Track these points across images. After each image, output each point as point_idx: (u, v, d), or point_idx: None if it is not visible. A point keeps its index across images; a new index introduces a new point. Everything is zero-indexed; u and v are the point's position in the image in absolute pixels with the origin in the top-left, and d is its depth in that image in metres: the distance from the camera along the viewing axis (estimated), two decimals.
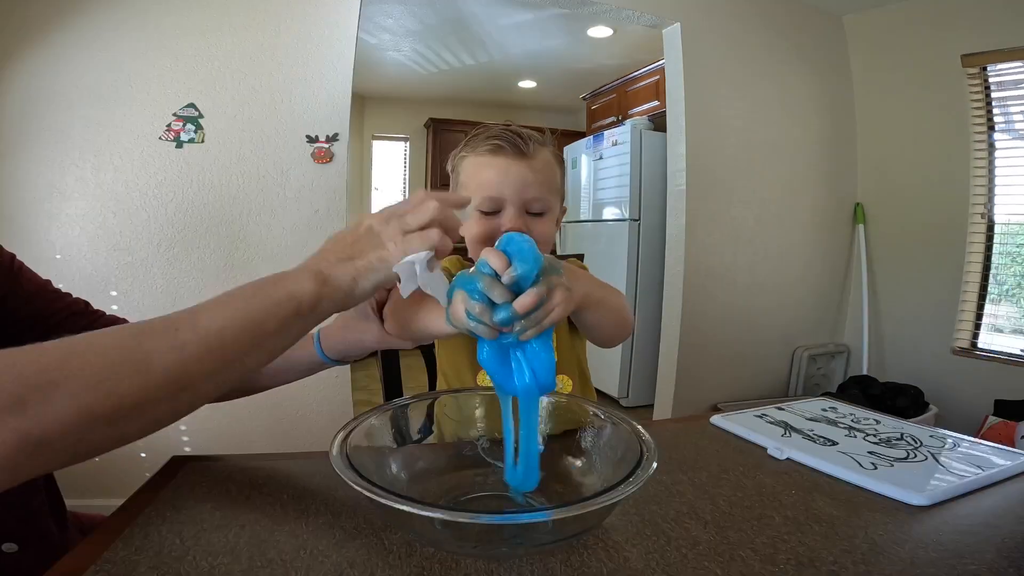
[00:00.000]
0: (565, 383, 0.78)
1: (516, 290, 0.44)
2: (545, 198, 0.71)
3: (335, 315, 0.71)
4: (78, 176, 1.67)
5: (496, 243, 0.46)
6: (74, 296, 0.69)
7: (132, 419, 0.35)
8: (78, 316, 0.66)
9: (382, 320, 0.65)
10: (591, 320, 0.60)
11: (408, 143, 4.93)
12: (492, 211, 0.70)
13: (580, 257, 1.12)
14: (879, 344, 2.66)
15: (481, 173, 0.71)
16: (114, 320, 0.69)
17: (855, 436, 0.69)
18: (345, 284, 0.45)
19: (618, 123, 3.42)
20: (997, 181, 2.27)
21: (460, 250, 0.83)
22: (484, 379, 0.77)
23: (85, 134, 1.67)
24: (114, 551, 0.42)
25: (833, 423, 0.74)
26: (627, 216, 2.87)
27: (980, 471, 0.58)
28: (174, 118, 1.73)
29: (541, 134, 0.76)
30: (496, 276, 0.44)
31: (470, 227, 0.74)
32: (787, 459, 0.63)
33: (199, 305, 0.41)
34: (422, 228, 0.47)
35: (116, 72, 1.68)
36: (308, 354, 0.65)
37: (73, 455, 0.33)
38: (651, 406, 2.71)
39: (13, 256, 0.64)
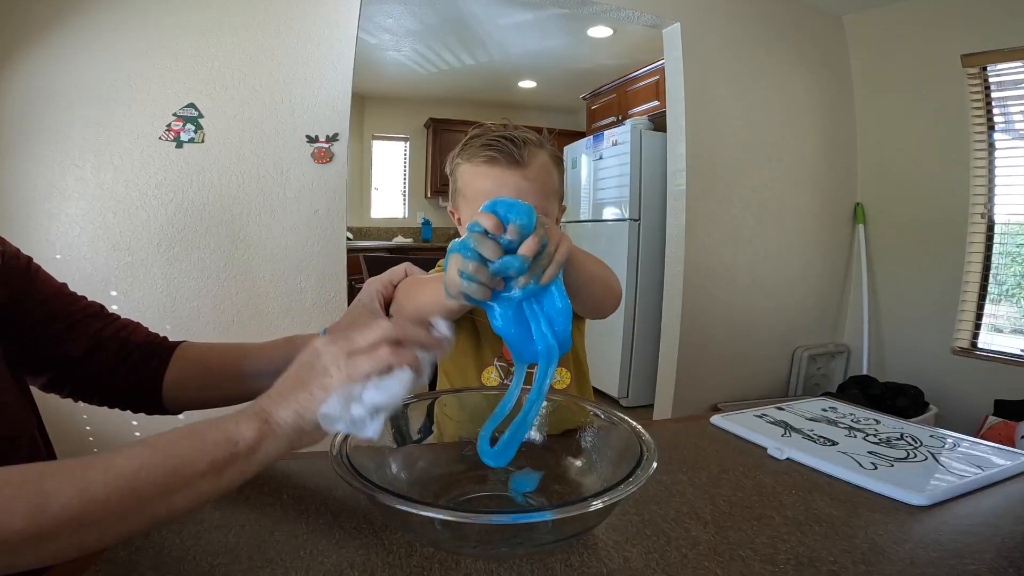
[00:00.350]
0: (563, 376, 0.78)
1: (508, 248, 0.45)
2: (541, 206, 0.71)
3: (344, 313, 0.71)
4: (78, 176, 1.67)
5: (481, 208, 0.46)
6: (89, 299, 0.69)
7: (20, 555, 0.34)
8: (92, 319, 0.66)
9: (390, 317, 0.65)
10: (580, 278, 0.59)
11: (408, 143, 4.93)
12: None
13: None
14: (879, 344, 2.66)
15: (477, 183, 0.72)
16: (127, 325, 0.69)
17: (855, 436, 0.69)
18: (289, 421, 0.42)
19: (618, 123, 3.42)
20: (997, 181, 2.27)
21: None
22: (489, 378, 0.77)
23: (85, 134, 1.67)
24: (114, 551, 0.42)
25: (833, 423, 0.74)
26: (627, 216, 2.87)
27: (980, 471, 0.58)
28: (174, 118, 1.73)
29: (539, 133, 0.76)
30: (487, 234, 0.45)
31: None
32: (787, 459, 0.63)
33: (127, 444, 0.40)
34: (371, 347, 0.43)
35: (116, 72, 1.68)
36: None
37: None
38: (651, 406, 2.71)
39: (30, 259, 0.65)
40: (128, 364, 0.66)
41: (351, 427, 0.42)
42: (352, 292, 2.02)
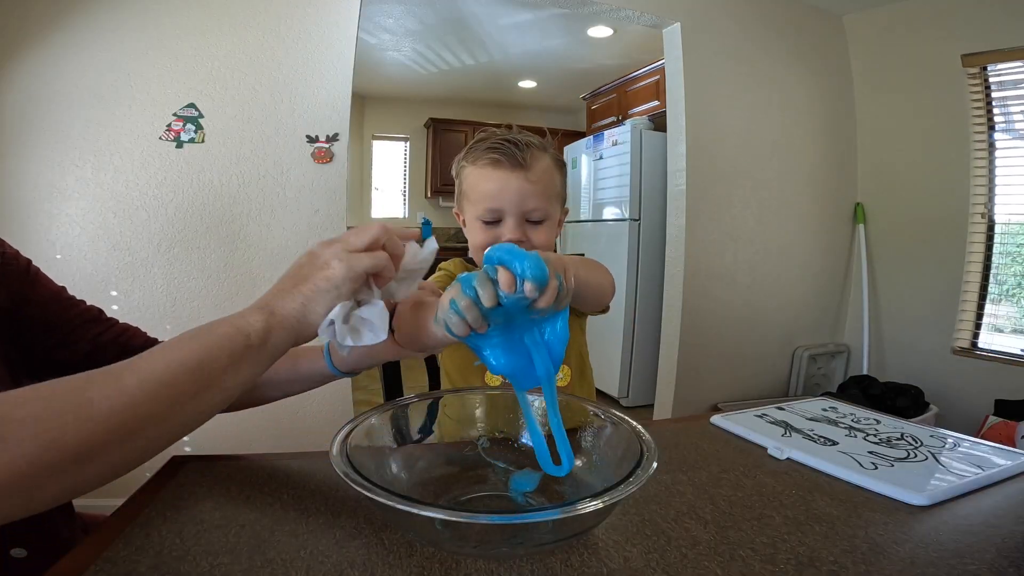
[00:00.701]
0: (564, 374, 0.78)
1: (507, 301, 0.44)
2: (543, 208, 0.73)
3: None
4: (78, 176, 1.67)
5: (488, 251, 0.45)
6: (88, 303, 0.69)
7: (82, 468, 0.34)
8: (91, 324, 0.66)
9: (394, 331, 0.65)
10: (580, 289, 0.59)
11: (408, 143, 4.93)
12: (493, 221, 0.73)
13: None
14: (879, 344, 2.66)
15: (481, 185, 0.73)
16: (127, 329, 0.69)
17: (855, 436, 0.69)
18: (294, 311, 0.45)
19: (618, 123, 3.42)
20: (997, 181, 2.27)
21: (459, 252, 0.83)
22: (491, 378, 0.77)
23: (85, 134, 1.67)
24: (115, 551, 0.42)
25: (833, 423, 0.74)
26: (627, 216, 2.87)
27: (980, 471, 0.58)
28: (174, 118, 1.73)
29: (542, 137, 0.77)
30: (494, 281, 0.44)
31: (473, 235, 0.77)
32: (787, 459, 0.63)
33: (146, 351, 0.41)
34: (367, 248, 0.47)
35: (116, 72, 1.68)
36: (318, 367, 0.64)
37: (27, 506, 0.33)
38: (651, 406, 2.71)
39: (29, 262, 0.64)
40: None
41: (343, 335, 0.46)
42: None
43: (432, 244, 0.52)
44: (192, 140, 1.74)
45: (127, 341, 0.67)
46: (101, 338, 0.66)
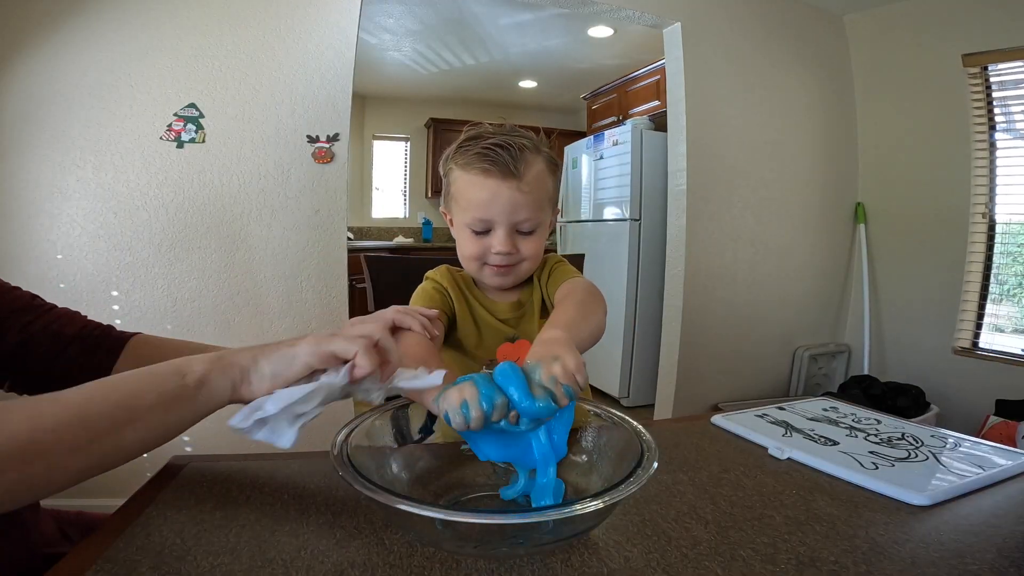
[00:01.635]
0: None
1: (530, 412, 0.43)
2: (534, 218, 0.71)
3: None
4: (78, 176, 1.67)
5: (500, 373, 0.44)
6: (23, 290, 0.66)
7: None
8: (21, 312, 0.63)
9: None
10: (584, 342, 0.59)
11: (408, 143, 4.93)
12: (483, 231, 0.71)
13: (580, 257, 1.12)
14: (880, 344, 2.66)
15: (471, 192, 0.70)
16: (61, 316, 0.66)
17: (856, 436, 0.69)
18: (242, 362, 0.45)
19: (618, 123, 3.42)
20: (998, 181, 2.27)
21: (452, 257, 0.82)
22: None
23: (85, 134, 1.67)
24: (115, 550, 0.42)
25: (834, 423, 0.74)
26: (627, 216, 2.87)
27: (981, 471, 0.58)
28: (175, 118, 1.73)
29: (536, 135, 0.75)
30: (509, 406, 0.43)
31: (461, 242, 0.74)
32: (788, 459, 0.63)
33: (81, 385, 0.40)
34: (354, 337, 0.46)
35: (116, 72, 1.68)
36: None
37: None
38: (651, 406, 2.71)
39: None
40: (65, 357, 0.63)
41: (260, 428, 0.43)
42: (352, 292, 2.02)
43: (438, 379, 0.48)
44: (193, 140, 1.74)
45: (59, 330, 0.64)
46: (31, 327, 0.62)
